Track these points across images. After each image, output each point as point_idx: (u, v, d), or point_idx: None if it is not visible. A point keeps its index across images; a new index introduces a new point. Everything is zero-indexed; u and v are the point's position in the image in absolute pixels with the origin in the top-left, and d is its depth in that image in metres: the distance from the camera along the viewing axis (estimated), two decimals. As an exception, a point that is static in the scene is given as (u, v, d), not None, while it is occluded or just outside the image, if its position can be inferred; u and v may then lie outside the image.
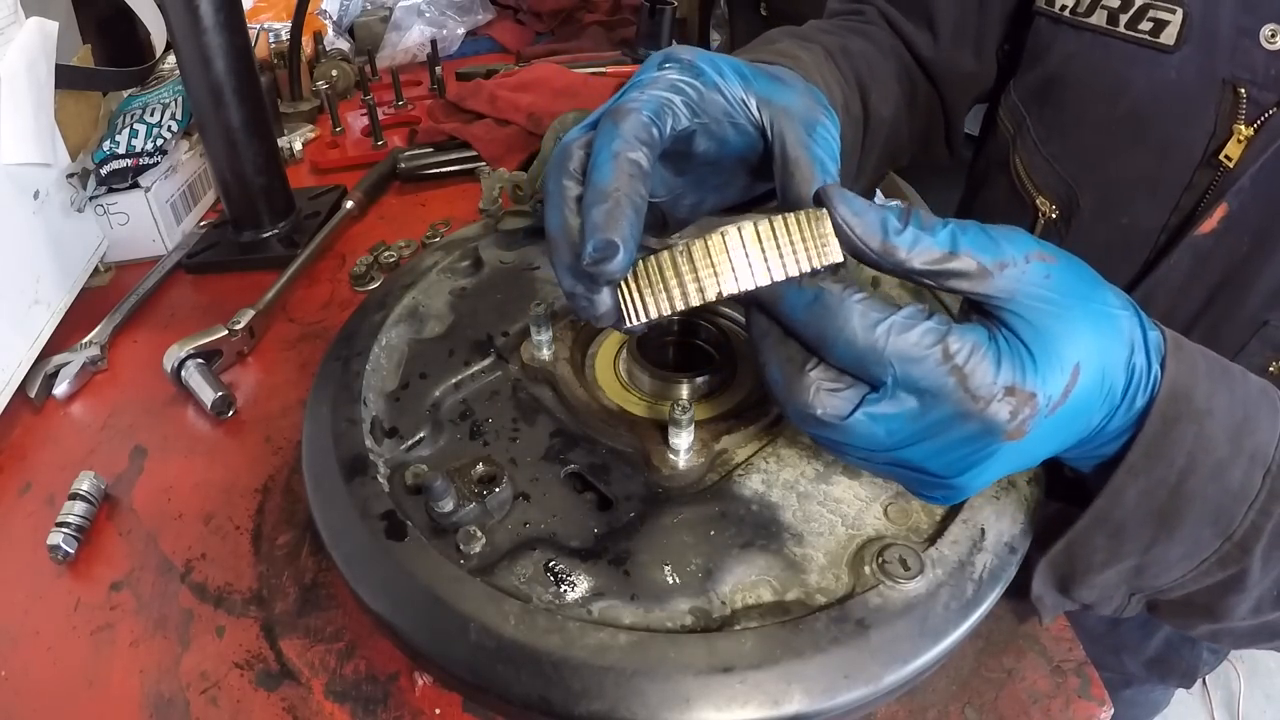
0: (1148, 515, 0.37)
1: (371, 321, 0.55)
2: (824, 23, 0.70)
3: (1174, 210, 0.55)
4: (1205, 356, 0.38)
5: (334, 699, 0.43)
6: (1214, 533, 0.37)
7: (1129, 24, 0.54)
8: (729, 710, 0.34)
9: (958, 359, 0.32)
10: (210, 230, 0.86)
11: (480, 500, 0.43)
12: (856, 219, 0.33)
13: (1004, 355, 0.33)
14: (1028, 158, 0.64)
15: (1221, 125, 0.51)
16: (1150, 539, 0.37)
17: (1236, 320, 0.55)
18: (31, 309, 0.68)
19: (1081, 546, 0.39)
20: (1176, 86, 0.53)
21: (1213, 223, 0.52)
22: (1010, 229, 0.35)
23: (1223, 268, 0.53)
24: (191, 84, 0.76)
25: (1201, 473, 0.36)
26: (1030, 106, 0.64)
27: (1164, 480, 0.36)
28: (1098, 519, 0.38)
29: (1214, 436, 0.36)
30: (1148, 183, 0.56)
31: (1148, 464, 0.36)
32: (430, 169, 0.96)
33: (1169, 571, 0.39)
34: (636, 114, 0.36)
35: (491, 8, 1.47)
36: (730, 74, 0.39)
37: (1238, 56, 0.50)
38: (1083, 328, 0.34)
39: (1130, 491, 0.37)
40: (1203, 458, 0.36)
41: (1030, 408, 0.32)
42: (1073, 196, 0.61)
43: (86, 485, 0.55)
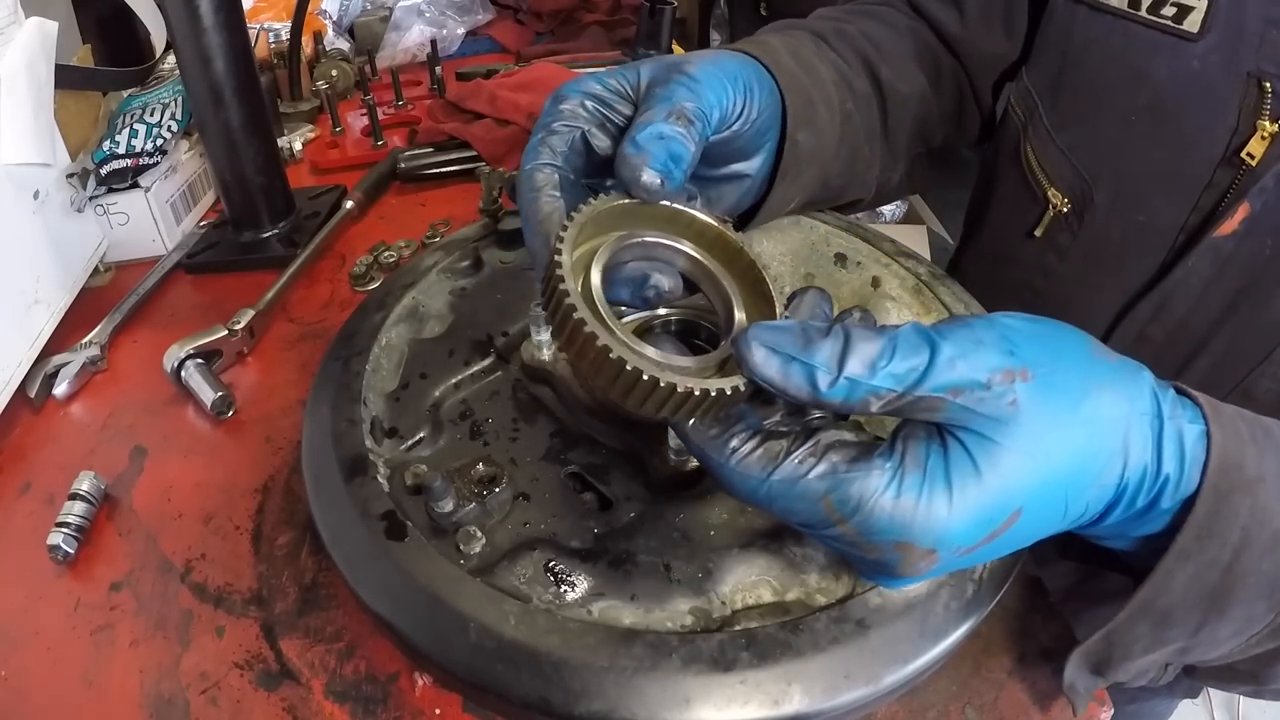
0: (1198, 599, 0.34)
1: (371, 321, 0.55)
2: (828, 10, 0.69)
3: (1193, 209, 0.52)
4: (1243, 418, 0.35)
5: (334, 699, 0.43)
6: (1268, 606, 0.34)
7: (1150, 8, 0.51)
8: (729, 710, 0.34)
9: (843, 511, 0.31)
10: (210, 230, 0.86)
11: (480, 500, 0.43)
12: (780, 375, 0.30)
13: (903, 509, 0.30)
14: (1040, 147, 0.62)
15: (1245, 121, 0.49)
16: (1199, 622, 0.35)
17: (1259, 327, 0.52)
18: (31, 309, 0.68)
19: (1123, 636, 0.36)
20: (1199, 78, 0.50)
21: (1234, 224, 0.49)
22: (981, 330, 0.32)
23: (1244, 272, 0.51)
24: (191, 84, 0.76)
25: (1257, 547, 0.33)
26: (1044, 93, 0.62)
27: (1217, 560, 0.33)
28: (1142, 609, 0.35)
29: (1269, 506, 0.33)
30: (1166, 179, 0.53)
31: (1200, 545, 0.33)
32: (430, 169, 0.96)
33: (1216, 649, 0.36)
34: (539, 143, 0.40)
35: (491, 8, 1.47)
36: (605, 79, 0.43)
37: (1265, 48, 0.47)
38: (1035, 467, 0.31)
39: (1180, 576, 0.34)
40: (1258, 531, 0.33)
41: (927, 561, 0.31)
42: (1087, 190, 0.58)
43: (86, 485, 0.55)
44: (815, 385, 0.30)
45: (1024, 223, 0.65)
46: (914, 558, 0.31)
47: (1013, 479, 0.30)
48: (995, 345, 0.31)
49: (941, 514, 0.30)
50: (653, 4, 1.21)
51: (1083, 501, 0.32)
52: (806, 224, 0.61)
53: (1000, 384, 0.30)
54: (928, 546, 0.30)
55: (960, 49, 0.67)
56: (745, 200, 0.51)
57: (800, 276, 0.61)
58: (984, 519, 0.30)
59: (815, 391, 0.30)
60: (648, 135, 0.38)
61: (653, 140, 0.38)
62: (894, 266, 0.58)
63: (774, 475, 0.32)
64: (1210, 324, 0.54)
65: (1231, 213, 0.49)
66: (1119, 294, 0.58)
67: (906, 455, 0.31)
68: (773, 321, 0.33)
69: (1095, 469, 0.32)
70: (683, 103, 0.40)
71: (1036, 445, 0.31)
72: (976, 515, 0.30)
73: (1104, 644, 0.37)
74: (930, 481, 0.30)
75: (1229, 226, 0.50)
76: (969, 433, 0.31)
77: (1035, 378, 0.31)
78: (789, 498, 0.32)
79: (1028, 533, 0.32)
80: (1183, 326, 0.55)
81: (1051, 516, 0.32)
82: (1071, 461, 0.31)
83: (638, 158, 0.37)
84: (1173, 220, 0.54)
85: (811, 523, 0.32)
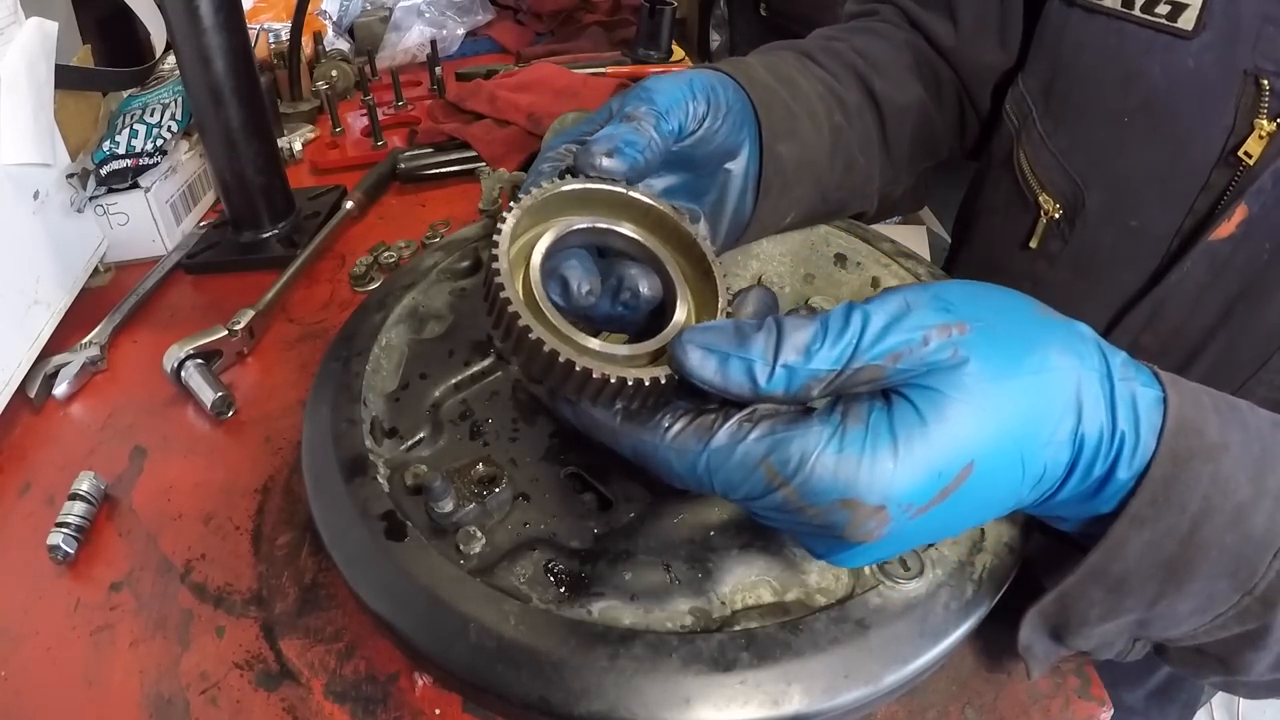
0: (1154, 568, 0.33)
1: (371, 322, 0.55)
2: (827, 29, 0.69)
3: (1188, 213, 0.51)
4: (1208, 392, 0.34)
5: (334, 699, 0.43)
6: (1232, 585, 0.33)
7: (1144, 7, 0.50)
8: (729, 710, 0.34)
9: (785, 472, 0.30)
10: (210, 230, 0.86)
11: (480, 500, 0.43)
12: (718, 375, 0.31)
13: (847, 462, 0.29)
14: (1033, 152, 0.61)
15: (1241, 120, 0.48)
16: (1156, 593, 0.34)
17: (1256, 334, 0.51)
18: (31, 309, 0.68)
19: (1076, 600, 0.36)
20: (1194, 76, 0.49)
21: (1230, 226, 0.48)
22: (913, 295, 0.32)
23: (1241, 276, 0.50)
24: (191, 84, 0.76)
25: (1219, 519, 0.32)
26: (1038, 97, 0.61)
27: (1174, 529, 0.32)
28: (1094, 573, 0.34)
29: (1232, 476, 0.32)
30: (1160, 181, 0.53)
31: (1155, 512, 0.32)
32: (430, 169, 0.96)
33: (1178, 626, 0.35)
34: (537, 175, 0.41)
35: (491, 8, 1.47)
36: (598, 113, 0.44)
37: (1261, 45, 0.46)
38: (983, 417, 0.30)
39: (1134, 544, 0.33)
40: (1220, 501, 0.32)
41: (877, 520, 0.30)
42: (1079, 195, 0.57)
43: (86, 485, 0.55)
44: (754, 379, 0.30)
45: (1015, 230, 0.64)
46: (861, 516, 0.29)
47: (960, 428, 0.30)
48: (928, 305, 0.31)
49: (887, 466, 0.29)
50: (652, 4, 1.21)
51: (1039, 460, 0.31)
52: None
53: (938, 339, 0.30)
54: (875, 503, 0.29)
55: (955, 60, 0.67)
56: (730, 204, 0.51)
57: (800, 277, 0.61)
58: (933, 472, 0.29)
59: (755, 386, 0.30)
60: (604, 133, 0.40)
61: (605, 135, 0.40)
62: (894, 267, 0.58)
63: (711, 443, 0.31)
64: (1205, 331, 0.53)
65: (1228, 215, 0.48)
66: (1110, 302, 0.57)
67: (848, 414, 0.31)
68: (706, 323, 0.33)
69: (1049, 422, 0.31)
70: (635, 107, 0.42)
71: (983, 394, 0.30)
72: (925, 467, 0.29)
73: (1058, 605, 0.36)
74: (874, 435, 0.30)
75: (1226, 229, 0.49)
76: (913, 387, 0.30)
77: (975, 330, 0.31)
78: (728, 467, 0.31)
79: (986, 494, 0.31)
80: (1177, 334, 0.54)
81: (1009, 475, 0.31)
82: (1022, 412, 0.30)
83: (594, 145, 0.39)
84: (1167, 225, 0.53)
85: (753, 492, 0.31)
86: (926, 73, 0.65)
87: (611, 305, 0.39)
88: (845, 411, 0.31)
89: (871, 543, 0.31)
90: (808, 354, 0.30)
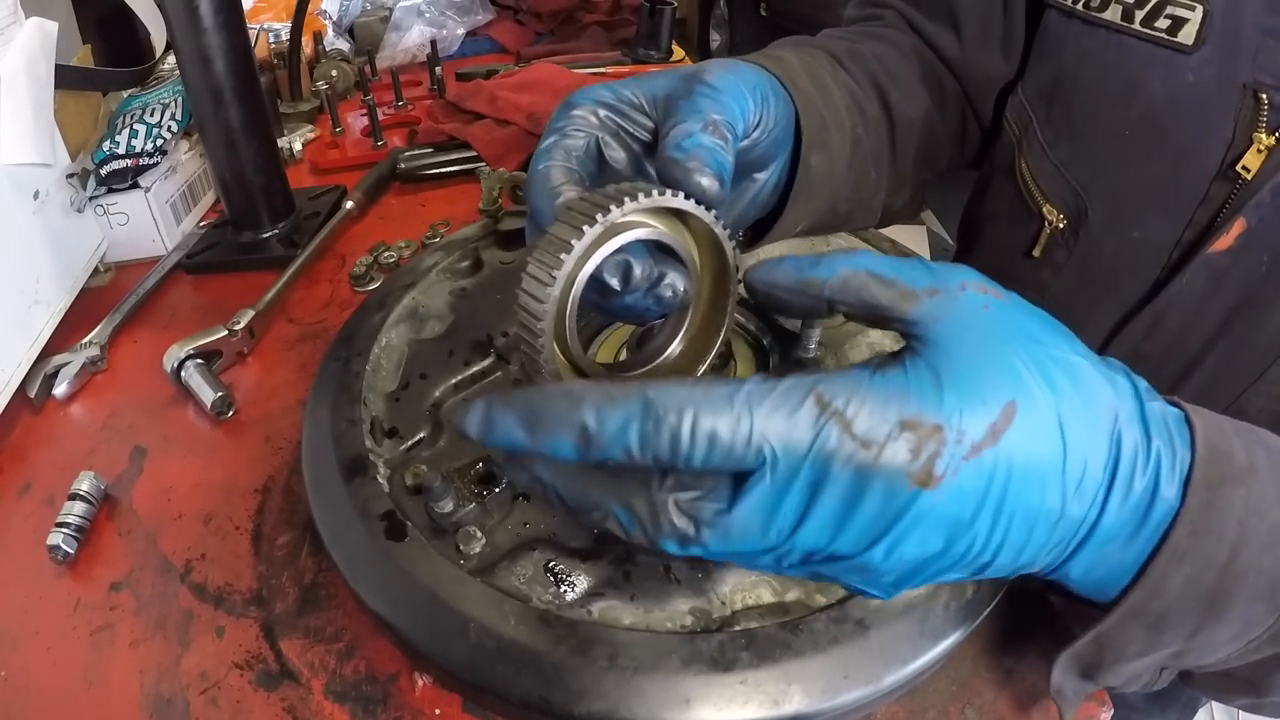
0: (1194, 600, 0.32)
1: (371, 322, 0.55)
2: (837, 29, 0.68)
3: (1188, 225, 0.52)
4: (1225, 418, 0.34)
5: (334, 699, 0.43)
6: (1268, 609, 0.32)
7: (1145, 20, 0.50)
8: (729, 710, 0.34)
9: (836, 404, 0.28)
10: (210, 230, 0.86)
11: (480, 500, 0.43)
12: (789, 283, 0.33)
13: (895, 388, 0.28)
14: (1034, 163, 0.61)
15: (1240, 134, 0.48)
16: (1196, 625, 0.33)
17: (1254, 345, 0.51)
18: (31, 309, 0.68)
19: (1114, 639, 0.34)
20: (1194, 90, 0.49)
21: (1229, 239, 0.49)
22: (961, 266, 0.33)
23: (1240, 288, 0.50)
24: (191, 84, 0.76)
25: (1255, 543, 0.31)
26: (1038, 107, 0.61)
27: (1214, 559, 0.31)
28: (1134, 612, 0.32)
29: (1264, 497, 0.31)
30: (1160, 194, 0.53)
31: (1194, 543, 0.31)
32: (430, 169, 0.96)
33: (1213, 653, 0.34)
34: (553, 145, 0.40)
35: (491, 8, 1.47)
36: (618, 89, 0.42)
37: (1261, 59, 0.46)
38: (1019, 364, 0.29)
39: (1175, 578, 0.31)
40: (1255, 524, 0.31)
41: (936, 441, 0.27)
42: (1081, 206, 0.57)
43: (86, 485, 0.55)
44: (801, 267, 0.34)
45: (1020, 239, 0.64)
46: (922, 435, 0.27)
47: (995, 365, 0.29)
48: (968, 270, 0.32)
49: (934, 384, 0.28)
50: (653, 4, 1.21)
51: (1080, 445, 0.29)
52: (811, 227, 0.61)
53: (975, 290, 0.31)
54: (933, 419, 0.28)
55: (959, 70, 0.66)
56: (751, 212, 0.51)
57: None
58: (979, 394, 0.28)
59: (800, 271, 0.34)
60: (693, 143, 0.37)
61: (699, 148, 0.37)
62: (894, 267, 0.58)
63: (747, 381, 0.28)
64: (1205, 341, 0.53)
65: (1227, 228, 0.49)
66: (1113, 310, 0.58)
67: (880, 361, 0.30)
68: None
69: (1086, 406, 0.30)
70: (711, 114, 0.39)
71: (1009, 342, 0.29)
72: (971, 387, 0.28)
73: (1094, 646, 0.35)
74: (912, 367, 0.29)
75: (1224, 242, 0.49)
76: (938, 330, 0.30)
77: (1006, 300, 0.31)
78: (773, 396, 0.28)
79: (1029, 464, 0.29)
80: (1177, 343, 0.54)
81: (1049, 443, 0.29)
82: (1053, 379, 0.29)
83: (691, 161, 0.36)
84: (1167, 236, 0.53)
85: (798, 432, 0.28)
86: (932, 82, 0.65)
87: (644, 296, 0.38)
88: (878, 364, 0.30)
89: (929, 489, 0.28)
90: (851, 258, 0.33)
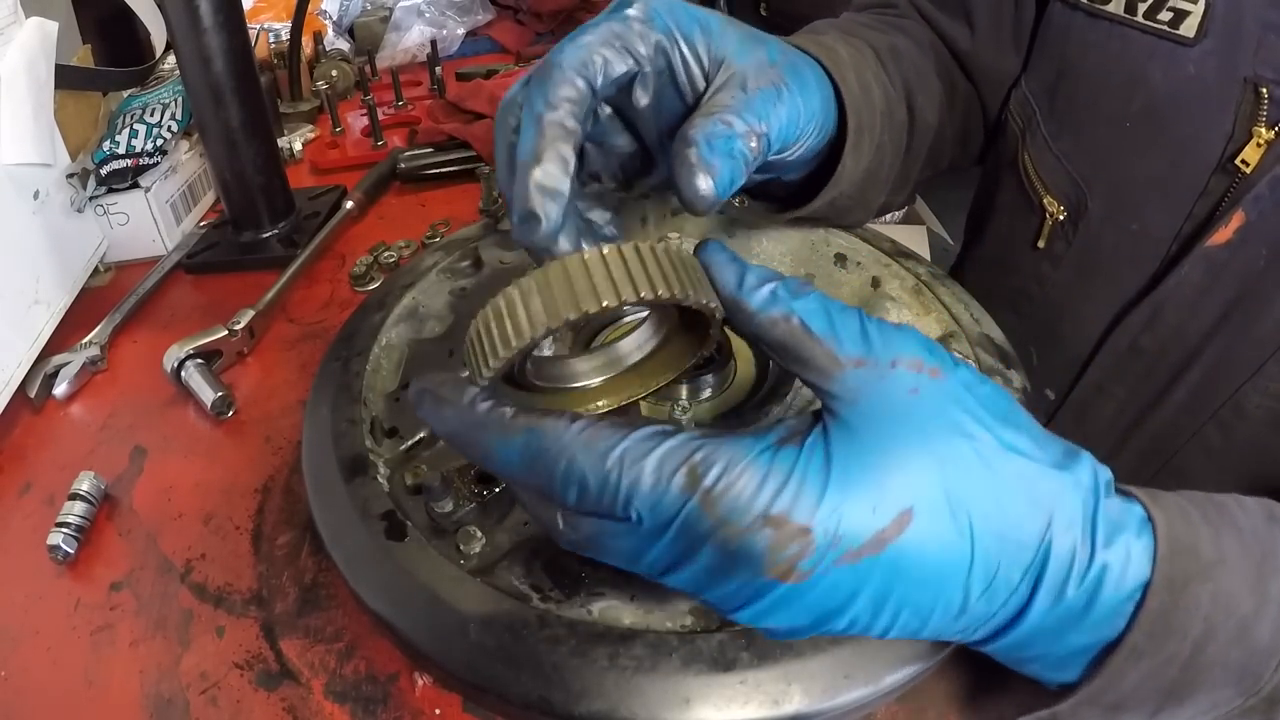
0: (1153, 692, 0.31)
1: (371, 321, 0.55)
2: (862, 16, 0.67)
3: (1187, 218, 0.52)
4: (1191, 500, 0.32)
5: (334, 699, 0.43)
6: (1236, 691, 0.31)
7: (1147, 13, 0.51)
8: (729, 710, 0.34)
9: (705, 481, 0.26)
10: (210, 230, 0.86)
11: (480, 500, 0.43)
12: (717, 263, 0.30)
13: (778, 474, 0.26)
14: (1037, 155, 0.62)
15: (1240, 127, 0.48)
16: (1156, 708, 0.31)
17: (1251, 339, 0.51)
18: (31, 309, 0.68)
19: (1070, 718, 0.33)
20: (1195, 83, 0.49)
21: (1228, 233, 0.49)
22: (907, 332, 0.30)
23: (1238, 282, 0.50)
24: (191, 84, 0.76)
25: (1222, 637, 0.30)
26: (1041, 100, 0.61)
27: (1175, 656, 0.30)
28: (1090, 700, 0.31)
29: (1233, 591, 0.30)
30: (1160, 186, 0.53)
31: (1154, 643, 0.29)
32: (430, 169, 0.96)
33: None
34: (559, 69, 0.34)
35: (491, 8, 1.47)
36: (690, 25, 0.36)
37: (1262, 53, 0.46)
38: (933, 463, 0.27)
39: (1131, 675, 0.30)
40: (1222, 620, 0.29)
41: (802, 544, 0.26)
42: (1082, 197, 0.58)
43: (86, 485, 0.55)
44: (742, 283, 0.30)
45: (1023, 231, 0.64)
46: (785, 536, 0.26)
47: (899, 466, 0.27)
48: (910, 341, 0.29)
49: (819, 485, 0.26)
50: (653, 4, 1.21)
51: (992, 551, 0.27)
52: (806, 224, 0.61)
53: (907, 369, 0.28)
54: (801, 521, 0.26)
55: (970, 64, 0.66)
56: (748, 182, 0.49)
57: (800, 276, 0.61)
58: (866, 501, 0.26)
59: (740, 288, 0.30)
60: (726, 148, 0.34)
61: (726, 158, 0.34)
62: (894, 267, 0.58)
63: (630, 436, 0.27)
64: (1203, 334, 0.53)
65: (1225, 221, 0.49)
66: (1112, 302, 0.58)
67: (784, 435, 0.28)
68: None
69: (1007, 504, 0.27)
70: (760, 125, 0.36)
71: (929, 439, 0.27)
72: (858, 493, 0.26)
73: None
74: (808, 454, 0.27)
75: (1223, 235, 0.49)
76: (855, 412, 0.28)
77: (945, 380, 0.28)
78: (645, 463, 0.27)
79: (925, 568, 0.27)
80: (1175, 337, 0.54)
81: (953, 549, 0.27)
82: (976, 477, 0.27)
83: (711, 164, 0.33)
84: (1166, 229, 0.53)
85: (664, 502, 0.27)
86: (945, 81, 0.65)
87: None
88: (782, 435, 0.28)
89: (789, 583, 0.27)
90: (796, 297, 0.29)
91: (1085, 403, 0.62)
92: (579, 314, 0.28)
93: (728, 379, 0.51)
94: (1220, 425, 0.54)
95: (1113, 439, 0.61)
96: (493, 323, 0.29)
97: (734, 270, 0.30)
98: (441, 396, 0.31)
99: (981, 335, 0.52)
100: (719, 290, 0.30)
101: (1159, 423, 0.58)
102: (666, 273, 0.29)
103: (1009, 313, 0.65)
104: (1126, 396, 0.59)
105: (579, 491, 0.28)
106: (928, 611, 0.29)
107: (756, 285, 0.29)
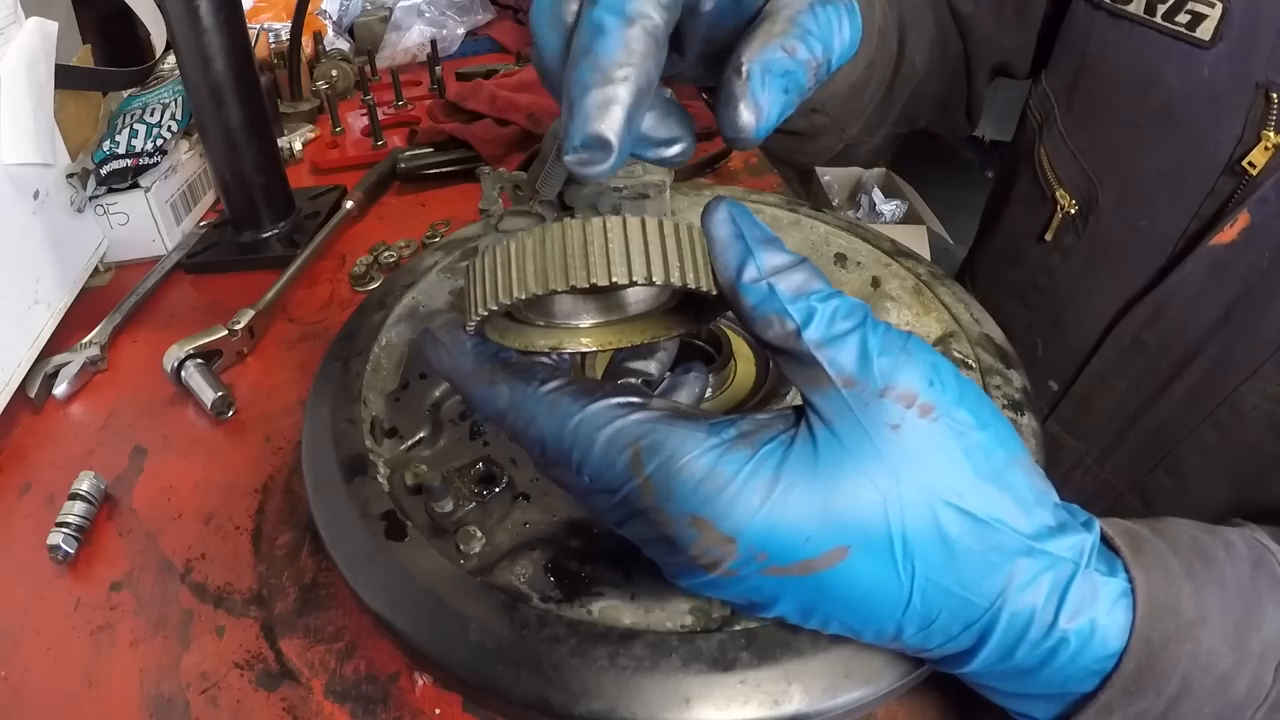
0: None
1: (371, 321, 0.55)
2: None
3: (1194, 216, 0.53)
4: (1175, 551, 0.31)
5: (334, 699, 0.43)
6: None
7: (1166, 14, 0.52)
8: (729, 710, 0.34)
9: (647, 468, 0.27)
10: (210, 230, 0.86)
11: (480, 500, 0.43)
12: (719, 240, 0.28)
13: (721, 477, 0.26)
14: (1053, 149, 0.63)
15: (1250, 130, 0.49)
16: None
17: (1253, 340, 0.52)
18: (31, 309, 0.68)
19: None
20: (1208, 85, 0.50)
21: (1232, 233, 0.50)
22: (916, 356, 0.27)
23: (1241, 282, 0.51)
24: (191, 84, 0.76)
25: (1198, 693, 0.29)
26: (1060, 95, 0.63)
27: (1148, 712, 0.29)
28: None
29: (1213, 649, 0.29)
30: (1170, 184, 0.54)
31: (1127, 700, 0.29)
32: (430, 169, 0.96)
33: None
34: None
35: (491, 8, 1.47)
36: None
37: (1275, 59, 0.47)
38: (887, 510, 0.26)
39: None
40: (1200, 678, 0.29)
41: (723, 550, 0.26)
42: (1094, 192, 0.59)
43: (86, 485, 0.55)
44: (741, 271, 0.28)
45: (1034, 224, 0.65)
46: (709, 540, 0.26)
47: (849, 503, 0.26)
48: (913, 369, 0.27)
49: (754, 501, 0.26)
50: (653, 4, 1.21)
51: (936, 602, 0.27)
52: (806, 224, 0.61)
53: (895, 401, 0.26)
54: (727, 532, 0.26)
55: (967, 28, 0.67)
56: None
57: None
58: (800, 531, 0.26)
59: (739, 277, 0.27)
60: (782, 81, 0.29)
61: (780, 93, 0.29)
62: (894, 266, 0.58)
63: (589, 407, 0.28)
64: (1204, 332, 0.54)
65: (1230, 221, 0.50)
66: (1117, 296, 0.59)
67: (744, 433, 0.27)
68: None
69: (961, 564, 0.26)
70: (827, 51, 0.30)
71: (894, 482, 0.26)
72: (793, 521, 0.26)
73: None
74: (758, 463, 0.26)
75: (1228, 235, 0.50)
76: (825, 433, 0.27)
77: (936, 420, 0.26)
78: (597, 438, 0.27)
79: (854, 600, 0.27)
80: (1177, 333, 0.55)
81: (888, 587, 0.27)
82: (929, 535, 0.26)
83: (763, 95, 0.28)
84: (1174, 226, 0.54)
85: (610, 477, 0.27)
86: (938, 40, 0.65)
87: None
88: (743, 432, 0.27)
89: (714, 575, 0.27)
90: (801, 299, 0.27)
91: (1087, 394, 0.63)
92: (566, 287, 0.27)
93: (728, 379, 0.51)
94: (1217, 425, 0.55)
95: (1112, 432, 0.62)
96: (488, 271, 0.29)
97: (735, 254, 0.28)
98: (439, 340, 0.33)
99: (981, 335, 0.52)
100: (717, 276, 0.28)
101: (1158, 418, 0.58)
102: (669, 255, 0.28)
103: (1018, 304, 0.66)
104: (1127, 390, 0.60)
105: (540, 450, 0.30)
106: (858, 629, 0.30)
107: (755, 278, 0.27)
